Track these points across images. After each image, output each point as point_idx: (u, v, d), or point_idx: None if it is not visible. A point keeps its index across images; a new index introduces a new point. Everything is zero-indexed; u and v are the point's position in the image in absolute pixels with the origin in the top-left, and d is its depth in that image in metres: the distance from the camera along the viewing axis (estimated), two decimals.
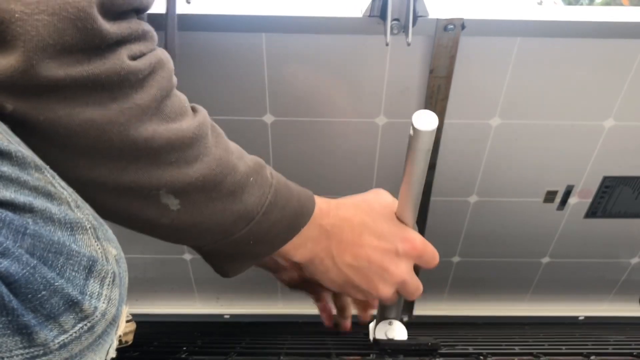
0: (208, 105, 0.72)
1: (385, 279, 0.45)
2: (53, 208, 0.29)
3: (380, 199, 0.49)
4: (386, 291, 0.46)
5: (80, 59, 0.30)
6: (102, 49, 0.31)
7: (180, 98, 0.37)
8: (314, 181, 0.77)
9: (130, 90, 0.32)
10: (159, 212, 0.35)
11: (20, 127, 0.31)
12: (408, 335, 0.70)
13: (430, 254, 0.48)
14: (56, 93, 0.30)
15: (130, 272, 0.35)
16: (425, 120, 0.42)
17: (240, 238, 0.38)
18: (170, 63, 0.36)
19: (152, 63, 0.33)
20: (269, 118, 0.72)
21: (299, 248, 0.43)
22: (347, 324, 0.59)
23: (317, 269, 0.45)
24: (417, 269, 0.50)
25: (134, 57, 0.33)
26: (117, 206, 0.35)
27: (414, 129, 0.43)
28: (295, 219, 0.41)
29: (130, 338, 0.75)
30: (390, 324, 0.61)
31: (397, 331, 0.61)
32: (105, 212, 0.37)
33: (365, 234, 0.44)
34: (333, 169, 0.78)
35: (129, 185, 0.33)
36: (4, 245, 0.25)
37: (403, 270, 0.46)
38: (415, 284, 0.48)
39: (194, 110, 0.38)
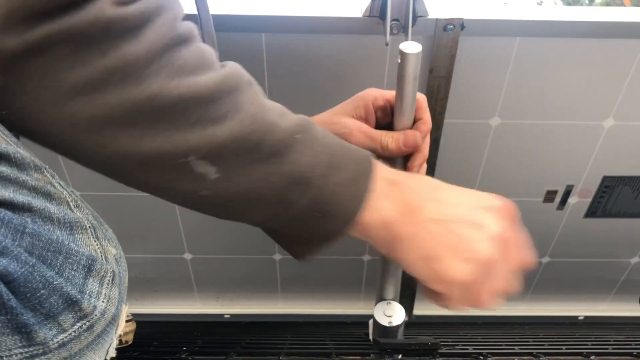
0: None
1: (481, 233, 0.35)
2: (52, 207, 0.30)
3: None
4: (487, 249, 0.34)
5: (52, 15, 0.26)
6: None
7: (199, 50, 0.31)
8: None
9: (119, 41, 0.27)
10: (196, 183, 0.30)
11: (9, 97, 0.28)
12: (408, 335, 0.70)
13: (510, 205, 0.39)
14: (35, 59, 0.26)
15: (130, 271, 0.35)
16: (411, 47, 0.46)
17: (301, 209, 0.32)
18: (177, 10, 0.30)
19: (146, 8, 0.28)
20: None
21: (374, 213, 0.34)
22: None
23: (401, 245, 0.35)
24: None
25: (123, 2, 0.27)
26: (151, 180, 0.31)
27: (401, 53, 0.45)
28: (360, 177, 0.34)
29: (130, 338, 0.75)
30: (388, 304, 0.62)
31: (396, 310, 0.61)
32: (144, 188, 0.32)
33: (435, 187, 0.37)
34: None
35: (153, 154, 0.29)
36: (3, 243, 0.25)
37: (502, 224, 0.36)
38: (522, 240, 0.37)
39: (223, 65, 0.32)
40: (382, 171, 0.35)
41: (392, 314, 0.61)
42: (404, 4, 0.59)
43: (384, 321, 0.62)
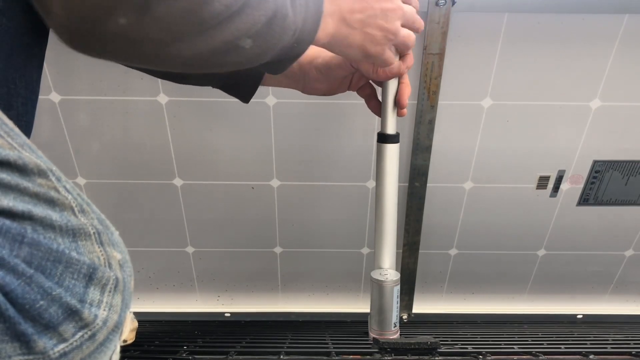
0: (217, 94, 0.71)
1: (391, 17, 0.51)
2: (54, 215, 0.29)
3: None
4: (396, 26, 0.52)
5: None
6: None
7: None
8: (313, 153, 0.79)
9: None
10: (237, 54, 0.40)
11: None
12: (408, 334, 0.70)
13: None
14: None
15: (133, 267, 0.35)
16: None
17: (288, 45, 0.44)
18: None
19: None
20: (271, 100, 0.75)
21: (322, 31, 0.48)
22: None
23: (338, 41, 0.50)
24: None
25: None
26: (217, 61, 0.40)
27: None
28: (317, 10, 0.46)
29: (132, 336, 0.76)
30: (384, 270, 0.67)
31: (391, 273, 0.68)
32: (206, 67, 0.41)
33: None
34: (332, 149, 0.80)
35: (218, 46, 0.37)
36: (0, 254, 0.25)
37: (398, 3, 0.51)
38: (411, 11, 0.53)
39: None
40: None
41: (388, 274, 0.68)
42: None
43: (380, 277, 0.67)
